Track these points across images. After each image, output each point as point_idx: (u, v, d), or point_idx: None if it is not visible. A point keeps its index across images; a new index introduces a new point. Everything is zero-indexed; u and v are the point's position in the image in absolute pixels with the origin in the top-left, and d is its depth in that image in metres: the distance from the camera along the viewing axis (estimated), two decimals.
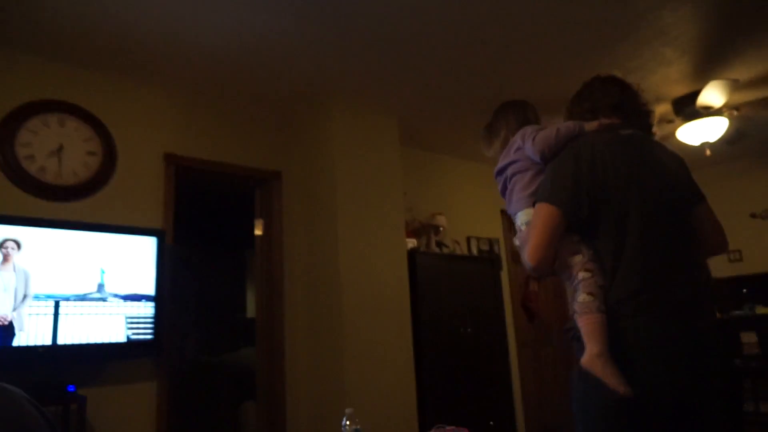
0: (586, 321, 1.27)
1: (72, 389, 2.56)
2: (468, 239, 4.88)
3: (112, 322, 2.80)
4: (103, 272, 2.81)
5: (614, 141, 1.42)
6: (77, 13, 2.62)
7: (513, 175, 1.51)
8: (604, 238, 1.34)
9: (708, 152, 4.32)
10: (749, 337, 4.22)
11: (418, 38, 3.03)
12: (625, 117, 1.49)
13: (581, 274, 1.32)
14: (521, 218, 1.46)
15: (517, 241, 1.50)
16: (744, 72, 3.69)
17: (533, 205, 1.41)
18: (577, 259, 1.34)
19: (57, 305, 2.64)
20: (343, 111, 3.73)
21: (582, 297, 1.29)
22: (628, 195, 1.35)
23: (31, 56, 2.97)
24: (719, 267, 6.03)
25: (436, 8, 2.75)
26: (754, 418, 4.57)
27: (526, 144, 1.49)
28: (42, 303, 2.60)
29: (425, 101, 3.88)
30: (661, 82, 3.80)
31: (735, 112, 3.94)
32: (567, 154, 1.41)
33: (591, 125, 1.46)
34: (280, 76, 3.39)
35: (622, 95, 1.53)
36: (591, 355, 1.24)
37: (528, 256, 1.34)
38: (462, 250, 4.70)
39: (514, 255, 5.46)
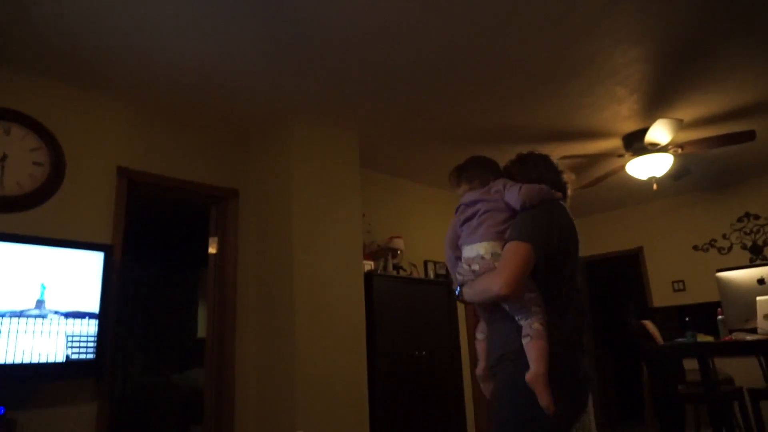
0: (538, 345, 1.49)
1: (1, 412, 2.40)
2: (425, 263, 4.90)
3: (51, 340, 2.66)
4: (44, 288, 2.68)
5: (564, 208, 1.72)
6: (30, 15, 2.53)
7: (487, 210, 1.67)
8: (548, 283, 1.58)
9: (655, 186, 4.52)
10: (691, 364, 4.37)
11: (380, 63, 3.08)
12: (558, 189, 1.77)
13: (534, 308, 1.53)
14: (485, 248, 1.62)
15: (475, 266, 1.63)
16: (688, 112, 3.90)
17: (503, 240, 1.61)
18: (532, 295, 1.55)
19: None
20: (302, 130, 3.72)
21: (536, 326, 1.51)
22: (567, 253, 1.64)
23: None
24: (664, 296, 6.28)
25: (400, 35, 2.80)
26: None
27: (509, 191, 1.68)
28: None
29: (386, 124, 3.92)
30: (611, 118, 3.97)
31: (679, 150, 4.14)
32: (545, 210, 1.65)
33: (556, 194, 1.73)
34: (240, 96, 3.36)
35: (557, 172, 1.85)
36: (536, 374, 1.45)
37: (503, 284, 1.50)
38: (419, 273, 4.73)
39: None
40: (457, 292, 1.71)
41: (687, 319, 3.91)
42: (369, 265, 4.04)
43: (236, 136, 3.92)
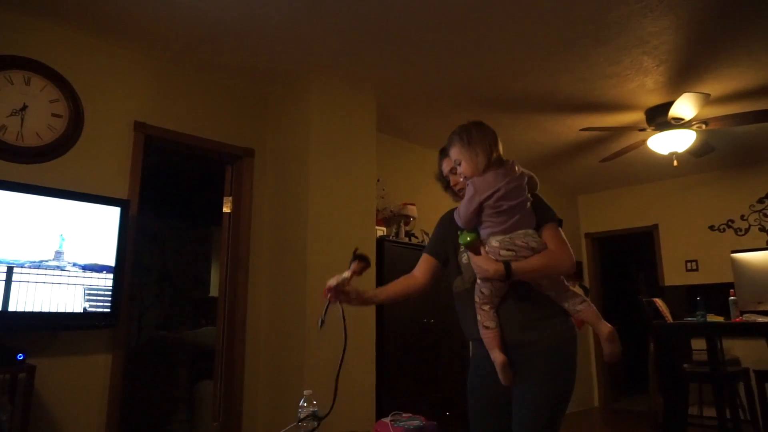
0: (594, 308, 1.72)
1: (21, 358, 2.47)
2: None
3: (70, 291, 2.71)
4: (62, 239, 2.72)
5: None
6: None
7: (526, 202, 1.71)
8: None
9: (675, 163, 4.44)
10: (699, 344, 4.37)
11: (401, 20, 3.01)
12: None
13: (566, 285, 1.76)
14: (532, 233, 1.70)
15: (533, 243, 1.69)
16: (716, 87, 3.79)
17: (535, 227, 1.71)
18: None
19: (10, 271, 2.55)
20: (320, 90, 3.68)
21: (580, 296, 1.73)
22: None
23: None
24: (676, 275, 6.25)
25: None
26: (698, 421, 4.77)
27: (534, 180, 1.80)
28: None
29: (405, 87, 3.86)
30: (636, 90, 3.88)
31: (704, 126, 4.04)
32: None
33: None
34: (260, 50, 3.32)
35: None
36: (610, 327, 1.67)
37: (573, 262, 1.72)
38: None
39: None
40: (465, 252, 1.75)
41: (698, 298, 3.89)
42: (381, 230, 4.04)
43: (254, 94, 3.89)
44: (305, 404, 1.78)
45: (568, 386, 1.71)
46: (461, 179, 1.79)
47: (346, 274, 1.84)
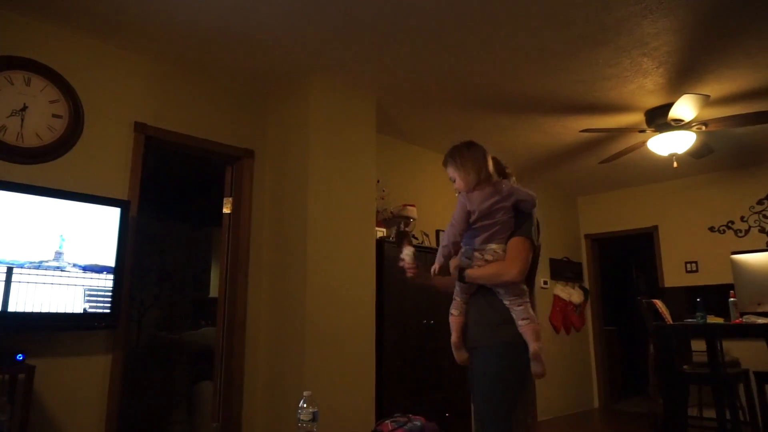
0: (534, 327, 1.89)
1: (21, 358, 2.47)
2: (437, 232, 4.90)
3: (70, 292, 2.71)
4: (62, 240, 2.72)
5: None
6: None
7: (504, 221, 1.95)
8: (530, 274, 2.00)
9: (675, 164, 4.44)
10: (699, 345, 4.37)
11: (401, 22, 3.01)
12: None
13: (526, 297, 1.93)
14: (495, 246, 1.95)
15: (488, 256, 1.96)
16: (715, 88, 3.79)
17: (505, 242, 1.95)
18: (525, 287, 1.95)
19: (10, 271, 2.55)
20: (320, 91, 3.68)
21: (532, 312, 1.92)
22: (537, 255, 2.05)
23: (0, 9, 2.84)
24: (676, 276, 6.25)
25: None
26: (698, 423, 4.76)
27: (527, 202, 1.99)
28: None
29: (404, 89, 3.86)
30: (635, 92, 3.88)
31: (703, 127, 4.05)
32: (531, 217, 2.03)
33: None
34: (260, 51, 3.32)
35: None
36: (538, 348, 1.86)
37: (518, 272, 1.90)
38: (431, 242, 4.73)
39: None
40: (435, 271, 2.01)
41: (698, 299, 3.89)
42: (381, 231, 4.04)
43: (253, 95, 3.90)
44: (305, 405, 1.77)
45: (504, 388, 1.91)
46: (456, 194, 2.07)
47: (410, 250, 2.13)
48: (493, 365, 1.93)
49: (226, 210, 3.76)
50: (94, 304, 2.80)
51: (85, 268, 2.79)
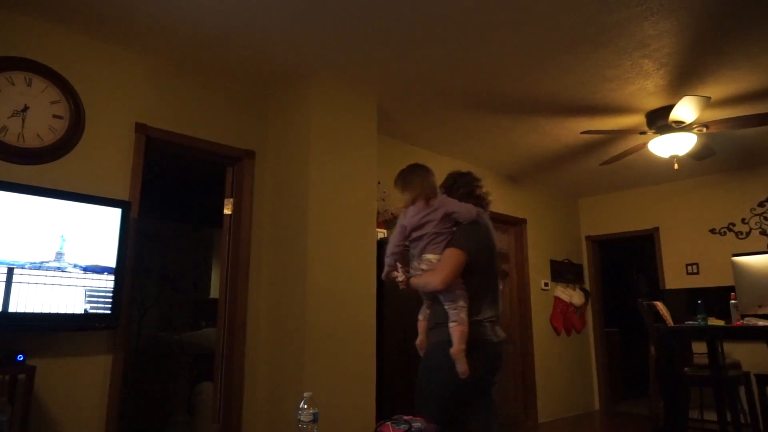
0: (460, 330, 2.07)
1: (21, 359, 2.47)
2: None
3: (70, 293, 2.71)
4: (63, 240, 2.72)
5: (487, 221, 2.32)
6: None
7: (435, 233, 2.18)
8: (472, 281, 2.17)
9: (676, 166, 4.44)
10: (700, 347, 4.37)
11: (402, 23, 3.01)
12: (482, 202, 2.37)
13: (461, 302, 2.11)
14: (434, 257, 2.17)
15: (423, 266, 2.19)
16: (717, 90, 3.79)
17: (442, 251, 2.16)
18: (461, 291, 2.13)
19: (10, 272, 2.55)
20: (321, 93, 3.68)
21: (462, 315, 2.09)
22: (489, 258, 2.26)
23: (1, 9, 2.84)
24: (677, 278, 6.24)
25: None
26: (699, 425, 4.75)
27: (462, 213, 2.21)
28: None
29: (405, 90, 3.87)
30: (636, 93, 3.88)
31: (704, 129, 4.05)
32: (477, 225, 2.24)
33: (481, 210, 2.30)
34: (261, 52, 3.32)
35: (481, 188, 2.42)
36: (458, 350, 2.04)
37: (440, 281, 2.09)
38: None
39: None
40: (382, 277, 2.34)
41: (699, 302, 3.88)
42: (381, 233, 4.04)
43: (255, 96, 3.90)
44: (305, 406, 1.77)
45: (437, 383, 2.13)
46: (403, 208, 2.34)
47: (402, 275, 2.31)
48: (426, 360, 2.20)
49: (227, 211, 3.76)
50: (95, 305, 2.80)
51: (86, 269, 2.79)
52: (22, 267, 2.59)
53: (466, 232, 2.19)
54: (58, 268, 2.70)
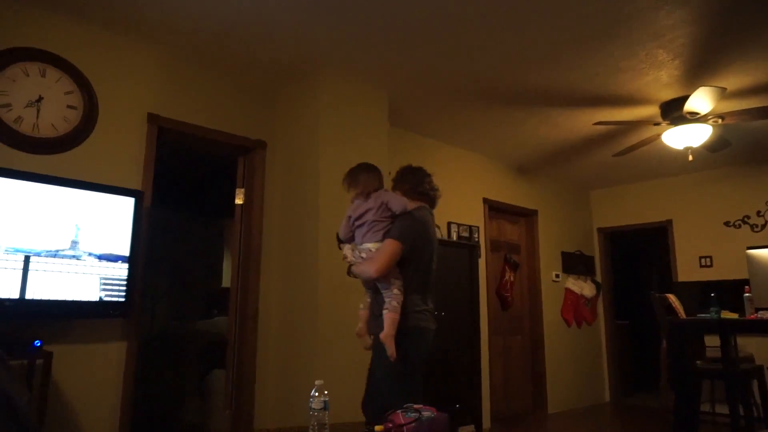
0: (391, 317, 2.22)
1: (38, 344, 2.52)
2: (449, 225, 4.90)
3: (85, 280, 2.76)
4: (78, 229, 2.76)
5: (428, 215, 2.48)
6: None
7: (374, 221, 2.34)
8: (410, 272, 2.32)
9: (691, 157, 4.38)
10: (712, 341, 4.33)
11: (413, 15, 3.00)
12: (427, 198, 2.53)
13: (395, 290, 2.26)
14: (373, 246, 2.32)
15: (363, 254, 2.35)
16: (732, 81, 3.74)
17: (381, 240, 2.31)
18: (397, 281, 2.28)
19: (27, 260, 2.59)
20: (331, 85, 3.68)
21: (394, 303, 2.24)
22: (427, 249, 2.40)
23: (15, 1, 2.86)
24: (690, 271, 6.19)
25: None
26: (710, 418, 4.73)
27: (394, 202, 2.36)
28: (11, 257, 2.55)
29: (416, 82, 3.85)
30: (651, 84, 3.83)
31: (720, 120, 3.99)
32: (414, 217, 2.38)
33: (424, 206, 2.48)
34: (272, 44, 3.32)
35: (430, 183, 2.56)
36: (386, 335, 2.19)
37: (375, 269, 2.24)
38: (442, 235, 4.73)
39: (493, 243, 5.51)
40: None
41: (713, 294, 3.85)
42: None
43: (266, 87, 3.91)
44: (316, 394, 1.79)
45: (394, 370, 2.24)
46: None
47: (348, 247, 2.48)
48: (382, 350, 2.27)
49: (239, 201, 3.79)
50: (109, 293, 2.85)
51: (100, 257, 2.83)
52: (38, 255, 2.63)
53: (402, 224, 2.33)
54: (73, 257, 2.74)
